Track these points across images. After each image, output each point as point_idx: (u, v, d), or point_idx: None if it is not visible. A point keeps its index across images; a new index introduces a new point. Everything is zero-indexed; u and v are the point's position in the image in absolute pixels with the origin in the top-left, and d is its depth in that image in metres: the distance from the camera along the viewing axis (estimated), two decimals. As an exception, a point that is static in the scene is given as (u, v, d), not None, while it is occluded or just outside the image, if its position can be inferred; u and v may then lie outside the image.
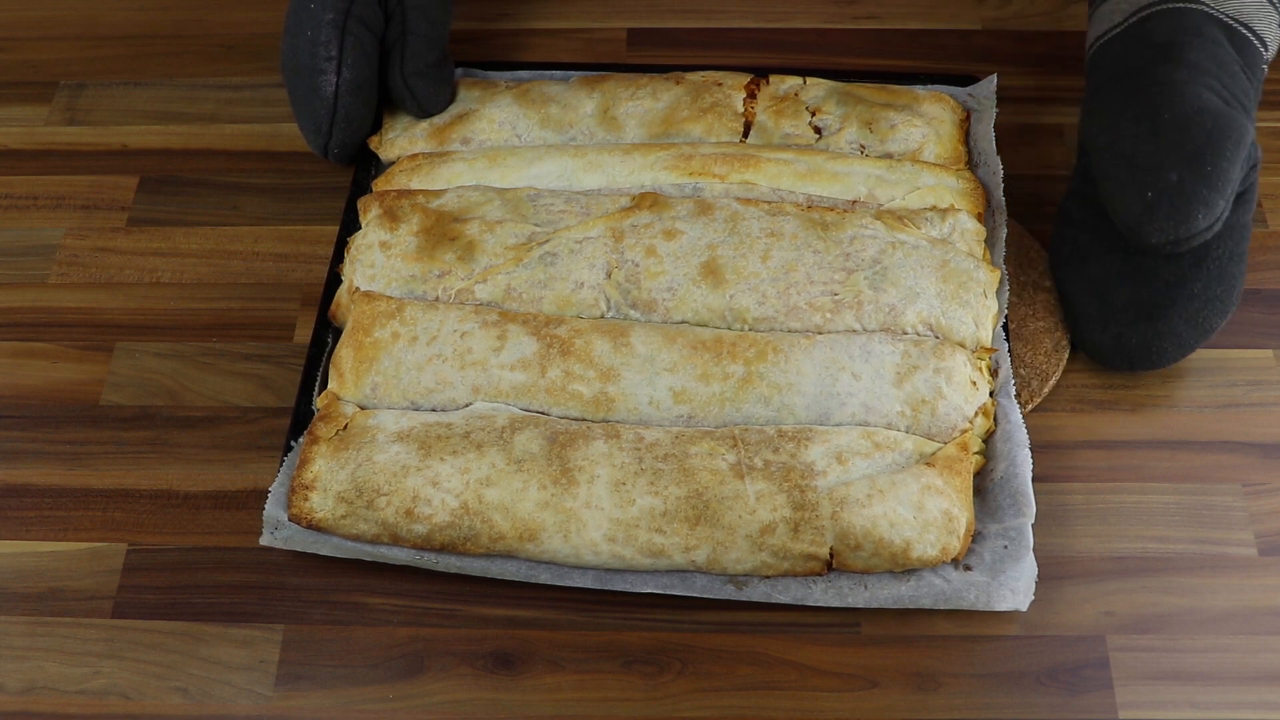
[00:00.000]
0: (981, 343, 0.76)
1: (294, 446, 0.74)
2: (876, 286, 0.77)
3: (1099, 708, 0.67)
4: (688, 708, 0.68)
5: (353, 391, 0.75)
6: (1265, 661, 0.69)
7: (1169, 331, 0.76)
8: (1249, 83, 0.78)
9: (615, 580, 0.70)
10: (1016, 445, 0.72)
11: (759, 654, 0.70)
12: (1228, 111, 0.74)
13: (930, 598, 0.69)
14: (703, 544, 0.68)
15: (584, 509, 0.69)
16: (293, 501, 0.71)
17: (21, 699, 0.69)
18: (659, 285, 0.78)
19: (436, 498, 0.70)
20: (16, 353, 0.83)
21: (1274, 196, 0.88)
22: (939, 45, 0.98)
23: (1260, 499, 0.75)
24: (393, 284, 0.79)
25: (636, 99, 0.88)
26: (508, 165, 0.85)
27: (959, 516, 0.69)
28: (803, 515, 0.68)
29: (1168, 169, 0.72)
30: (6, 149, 0.94)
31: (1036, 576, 0.69)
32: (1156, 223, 0.72)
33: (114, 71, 0.99)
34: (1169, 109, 0.74)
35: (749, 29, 1.01)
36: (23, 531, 0.75)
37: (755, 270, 0.78)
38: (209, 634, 0.71)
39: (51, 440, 0.79)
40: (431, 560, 0.70)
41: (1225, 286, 0.76)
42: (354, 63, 0.85)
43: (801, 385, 0.73)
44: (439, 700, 0.69)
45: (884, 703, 0.68)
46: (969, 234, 0.80)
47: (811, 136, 0.86)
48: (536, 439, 0.71)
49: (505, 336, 0.75)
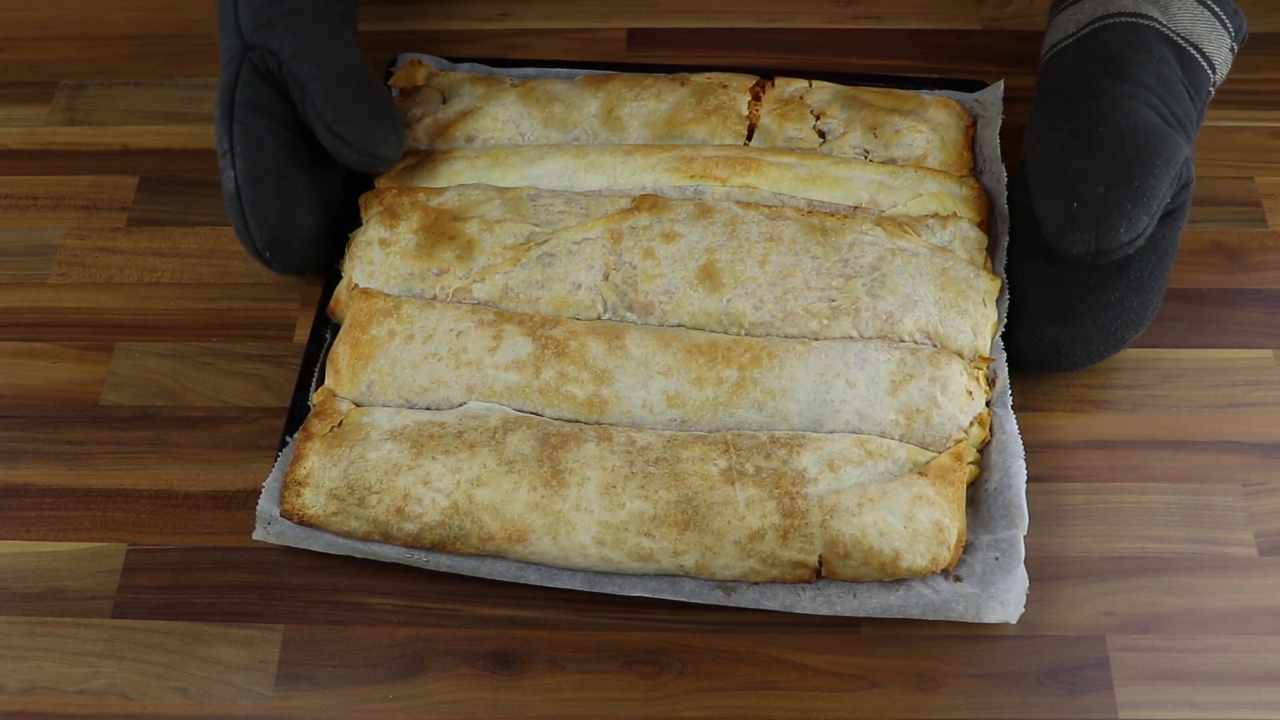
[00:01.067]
0: (980, 352, 0.76)
1: (289, 442, 0.74)
2: (874, 293, 0.77)
3: (1099, 708, 0.67)
4: (688, 708, 0.68)
5: (348, 388, 0.75)
6: (1265, 661, 0.69)
7: (1081, 336, 0.76)
8: (1192, 104, 0.78)
9: (604, 583, 0.70)
10: (1011, 456, 0.72)
11: (759, 654, 0.70)
12: (1164, 129, 0.74)
13: (919, 608, 0.68)
14: (691, 549, 0.68)
15: (573, 511, 0.69)
16: (285, 497, 0.71)
17: (21, 699, 0.69)
18: (656, 288, 0.78)
19: (427, 497, 0.70)
20: (16, 353, 0.83)
21: (1274, 196, 0.88)
22: (939, 45, 0.98)
23: (1260, 499, 0.75)
24: (391, 281, 0.79)
25: (641, 100, 0.88)
26: (509, 164, 0.85)
27: (950, 527, 0.69)
28: (792, 522, 0.68)
29: (1096, 182, 0.72)
30: (6, 149, 0.94)
31: (1027, 588, 0.69)
32: (1078, 233, 0.72)
33: (114, 71, 0.99)
34: (1104, 123, 0.74)
35: (749, 29, 1.01)
36: (23, 531, 0.75)
37: (753, 275, 0.77)
38: (209, 634, 0.71)
39: (51, 440, 0.79)
40: (422, 558, 0.71)
41: (1143, 299, 0.76)
42: (244, 150, 0.78)
43: (795, 392, 0.73)
44: (439, 700, 0.69)
45: (884, 703, 0.68)
46: (970, 241, 0.79)
47: (815, 140, 0.86)
48: (528, 440, 0.71)
49: (501, 337, 0.75)
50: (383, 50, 0.97)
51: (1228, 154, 0.90)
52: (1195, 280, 0.84)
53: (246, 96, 0.79)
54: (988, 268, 0.79)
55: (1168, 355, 0.81)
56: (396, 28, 1.01)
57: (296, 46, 0.80)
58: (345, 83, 0.80)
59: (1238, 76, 0.94)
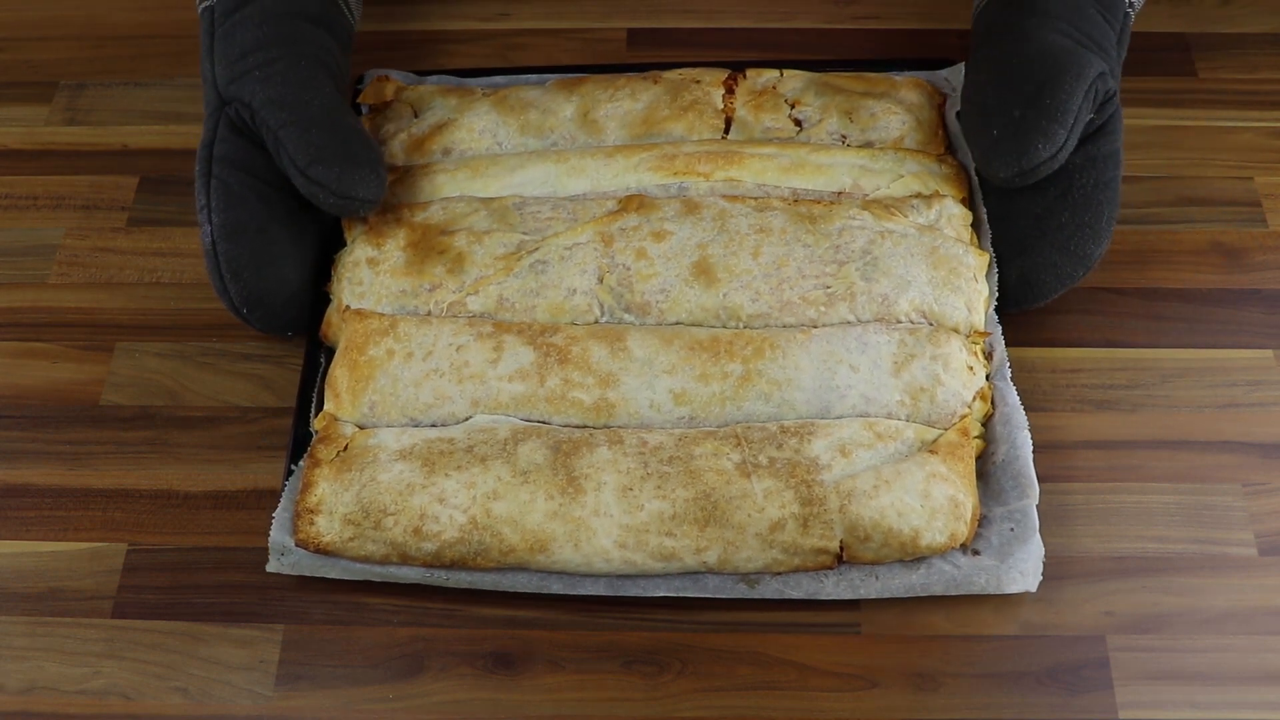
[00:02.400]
0: (975, 327, 0.76)
1: (294, 470, 0.74)
2: (868, 277, 0.77)
3: (1099, 708, 0.67)
4: (688, 708, 0.68)
5: (350, 411, 0.75)
6: (1265, 661, 0.69)
7: (1044, 262, 0.78)
8: (1107, 24, 0.81)
9: (628, 586, 0.70)
10: (1015, 427, 0.73)
11: (759, 654, 0.70)
12: (1072, 48, 0.78)
13: (941, 584, 0.69)
14: (713, 544, 0.68)
15: (593, 517, 0.69)
16: (298, 526, 0.70)
17: (21, 699, 0.69)
18: (652, 287, 0.78)
19: (444, 514, 0.69)
20: (16, 353, 0.83)
21: (1274, 196, 0.88)
22: (939, 45, 0.98)
23: (1260, 499, 0.75)
24: (383, 300, 0.79)
25: (615, 100, 0.88)
26: (490, 175, 0.85)
27: (965, 502, 0.69)
28: (811, 510, 0.68)
29: (1012, 107, 0.76)
30: (6, 149, 0.94)
31: (1044, 556, 0.69)
32: (1002, 157, 0.76)
33: (114, 71, 0.99)
34: (1016, 55, 0.79)
35: (749, 29, 1.00)
36: (23, 531, 0.75)
37: (747, 267, 0.78)
38: (209, 634, 0.71)
39: (51, 440, 0.79)
40: (442, 578, 0.70)
41: (1093, 214, 0.77)
42: (221, 205, 0.76)
43: (800, 380, 0.73)
44: (439, 700, 0.69)
45: (884, 703, 0.68)
46: (955, 219, 0.80)
47: (792, 129, 0.86)
48: (540, 449, 0.71)
49: (501, 348, 0.75)
50: (384, 50, 0.98)
51: (1228, 154, 0.90)
52: (1195, 280, 0.84)
53: (224, 152, 0.78)
54: (974, 243, 0.80)
55: (1168, 355, 0.81)
56: (396, 28, 1.01)
57: (267, 94, 0.78)
58: (318, 126, 0.77)
59: (1238, 76, 0.94)
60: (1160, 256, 0.85)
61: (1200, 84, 0.94)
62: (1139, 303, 0.83)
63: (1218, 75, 0.95)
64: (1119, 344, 0.81)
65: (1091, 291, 0.83)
